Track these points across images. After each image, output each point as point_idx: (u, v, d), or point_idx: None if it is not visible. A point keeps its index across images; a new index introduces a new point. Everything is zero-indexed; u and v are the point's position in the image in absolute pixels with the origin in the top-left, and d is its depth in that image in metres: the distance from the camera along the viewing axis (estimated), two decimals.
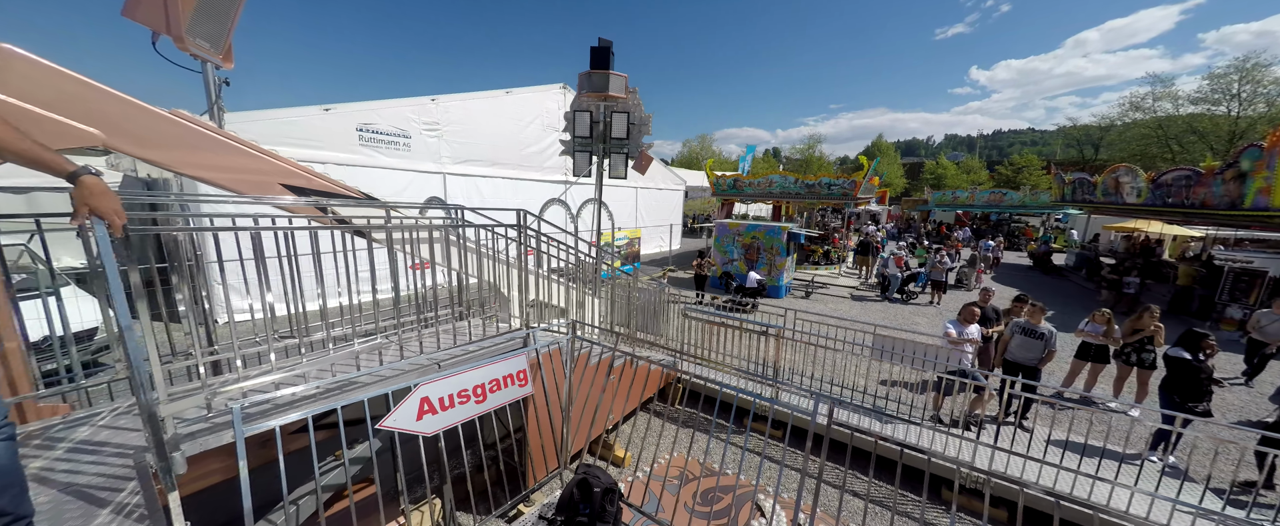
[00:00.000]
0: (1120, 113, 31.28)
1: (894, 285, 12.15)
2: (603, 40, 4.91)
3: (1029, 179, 39.20)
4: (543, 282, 4.27)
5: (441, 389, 2.47)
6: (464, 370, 2.55)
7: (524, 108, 13.24)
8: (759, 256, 12.36)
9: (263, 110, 8.45)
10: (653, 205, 19.48)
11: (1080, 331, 5.95)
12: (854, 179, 14.08)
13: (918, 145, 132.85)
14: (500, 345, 3.25)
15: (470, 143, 12.09)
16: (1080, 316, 6.38)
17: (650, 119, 5.38)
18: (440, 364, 2.80)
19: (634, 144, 5.30)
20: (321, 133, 9.13)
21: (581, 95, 5.23)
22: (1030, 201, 27.75)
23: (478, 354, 3.07)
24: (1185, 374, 4.45)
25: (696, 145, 57.75)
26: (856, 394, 5.30)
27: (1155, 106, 28.97)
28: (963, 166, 53.70)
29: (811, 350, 5.53)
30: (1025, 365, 5.08)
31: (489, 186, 12.81)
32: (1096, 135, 37.49)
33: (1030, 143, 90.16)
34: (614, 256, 13.31)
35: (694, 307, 5.72)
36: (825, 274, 14.93)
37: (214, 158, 2.38)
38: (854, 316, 10.51)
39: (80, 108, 1.94)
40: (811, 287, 12.79)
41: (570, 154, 5.42)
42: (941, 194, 33.03)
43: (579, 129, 5.24)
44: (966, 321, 5.19)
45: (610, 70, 4.99)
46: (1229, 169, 9.69)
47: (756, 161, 48.03)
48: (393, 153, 10.52)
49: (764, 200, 18.00)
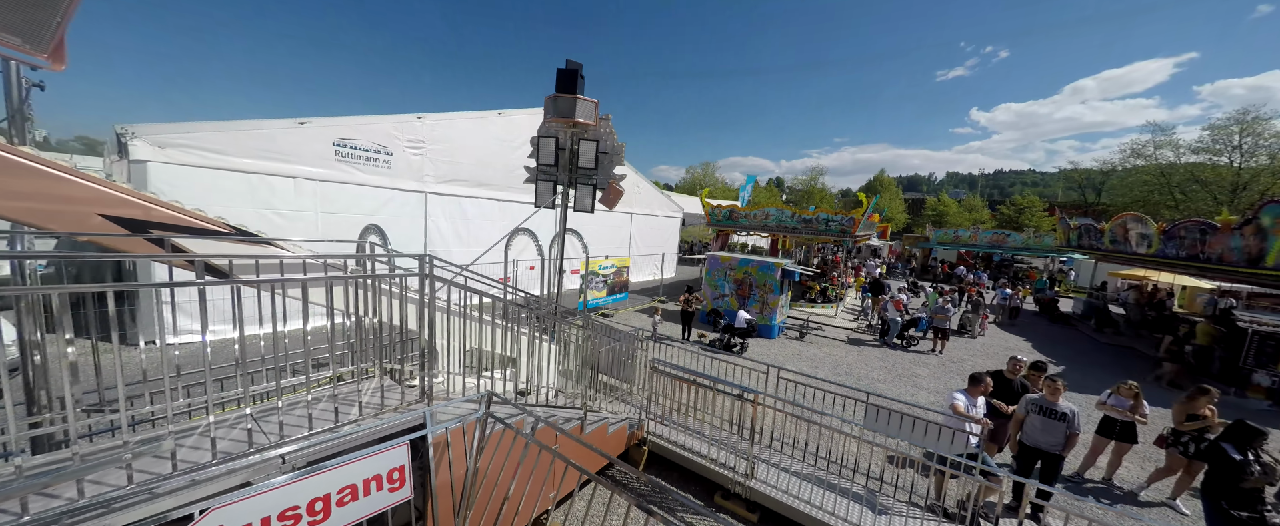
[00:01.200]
0: (1122, 159, 31.38)
1: (894, 330, 11.45)
2: (570, 62, 4.46)
3: (1031, 220, 38.94)
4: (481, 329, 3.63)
5: (247, 513, 1.67)
6: (302, 477, 1.84)
7: (515, 130, 12.95)
8: (751, 293, 11.72)
9: (232, 121, 8.05)
10: (647, 231, 19.01)
11: (1103, 404, 5.24)
12: (852, 216, 13.60)
13: (919, 181, 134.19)
14: (380, 429, 2.47)
15: (456, 162, 11.72)
16: (1098, 375, 5.66)
17: (623, 148, 4.88)
18: (287, 459, 2.08)
19: (603, 175, 4.78)
20: (293, 146, 8.73)
21: (548, 120, 4.75)
22: (1034, 244, 27.33)
23: (348, 440, 2.33)
24: (1230, 474, 3.74)
25: (700, 172, 58.02)
26: (846, 471, 4.54)
27: (1156, 154, 29.02)
28: (964, 205, 53.59)
29: (796, 419, 4.81)
30: (1045, 452, 4.35)
31: (473, 207, 12.36)
32: (1098, 179, 37.46)
33: (1031, 183, 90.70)
34: (594, 286, 12.72)
35: (664, 362, 5.04)
36: (822, 313, 14.24)
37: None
38: (850, 363, 9.78)
39: None
40: (806, 328, 12.08)
41: (533, 182, 4.89)
42: (943, 232, 32.61)
43: (543, 156, 4.73)
44: (976, 393, 4.49)
45: (578, 94, 4.52)
46: (1248, 225, 9.18)
47: (759, 191, 48.05)
48: (371, 169, 10.11)
49: (760, 233, 17.52)
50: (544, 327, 4.54)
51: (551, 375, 4.64)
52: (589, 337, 4.71)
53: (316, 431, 2.25)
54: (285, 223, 8.79)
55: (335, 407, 2.26)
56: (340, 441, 2.24)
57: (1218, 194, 25.62)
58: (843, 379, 8.85)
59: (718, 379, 4.69)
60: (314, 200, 9.16)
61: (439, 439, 2.56)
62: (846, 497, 4.22)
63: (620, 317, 12.83)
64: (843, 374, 9.13)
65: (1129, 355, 12.21)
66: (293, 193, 8.84)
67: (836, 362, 9.87)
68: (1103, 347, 12.98)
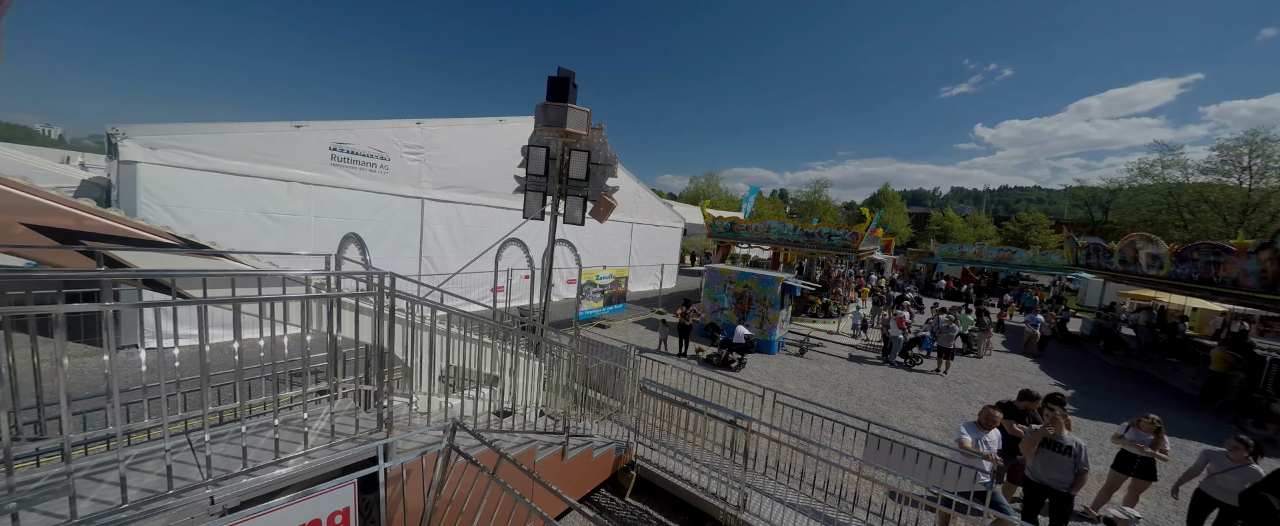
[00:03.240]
0: (1129, 177, 31.04)
1: (897, 349, 11.14)
2: (562, 70, 4.31)
3: (1037, 237, 38.52)
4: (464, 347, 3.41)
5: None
6: (230, 523, 1.63)
7: (517, 137, 12.87)
8: (751, 307, 11.47)
9: (219, 122, 7.96)
10: (647, 241, 18.82)
11: (1119, 438, 4.95)
12: (855, 231, 13.39)
13: (924, 195, 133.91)
14: (332, 463, 2.19)
15: (454, 168, 11.62)
16: (1109, 401, 5.33)
17: (616, 159, 4.71)
18: (216, 499, 1.83)
19: (594, 186, 4.60)
20: (288, 149, 8.63)
21: (538, 128, 4.59)
22: (1040, 262, 26.97)
23: (291, 477, 2.04)
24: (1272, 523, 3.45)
25: (704, 182, 58.03)
26: (846, 505, 4.26)
27: (1164, 174, 28.71)
28: (969, 220, 53.22)
29: (791, 450, 4.54)
30: (1053, 489, 4.06)
31: (470, 213, 12.23)
32: (1105, 197, 37.08)
33: (1037, 200, 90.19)
34: (590, 297, 12.49)
35: (653, 383, 4.80)
36: (823, 329, 13.94)
37: None
38: (851, 383, 9.48)
39: None
40: (807, 344, 11.79)
41: (522, 192, 4.72)
42: (948, 247, 32.26)
43: (533, 165, 4.56)
44: (985, 426, 4.22)
45: (570, 103, 4.36)
46: (1265, 249, 8.91)
47: (763, 201, 47.85)
48: (368, 174, 10.01)
49: (761, 245, 17.31)
50: (529, 343, 4.32)
51: (535, 394, 4.42)
52: (574, 354, 4.49)
53: (255, 467, 2.02)
54: (277, 226, 8.66)
55: (276, 439, 2.03)
56: (281, 478, 2.02)
57: (1227, 214, 25.29)
58: (844, 398, 8.55)
59: (710, 404, 4.45)
60: (307, 203, 9.04)
61: (395, 473, 2.33)
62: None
63: (617, 329, 12.58)
64: (844, 394, 8.83)
65: (1140, 380, 11.82)
66: (286, 196, 8.72)
67: (837, 381, 9.58)
68: (1114, 371, 12.59)
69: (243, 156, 8.06)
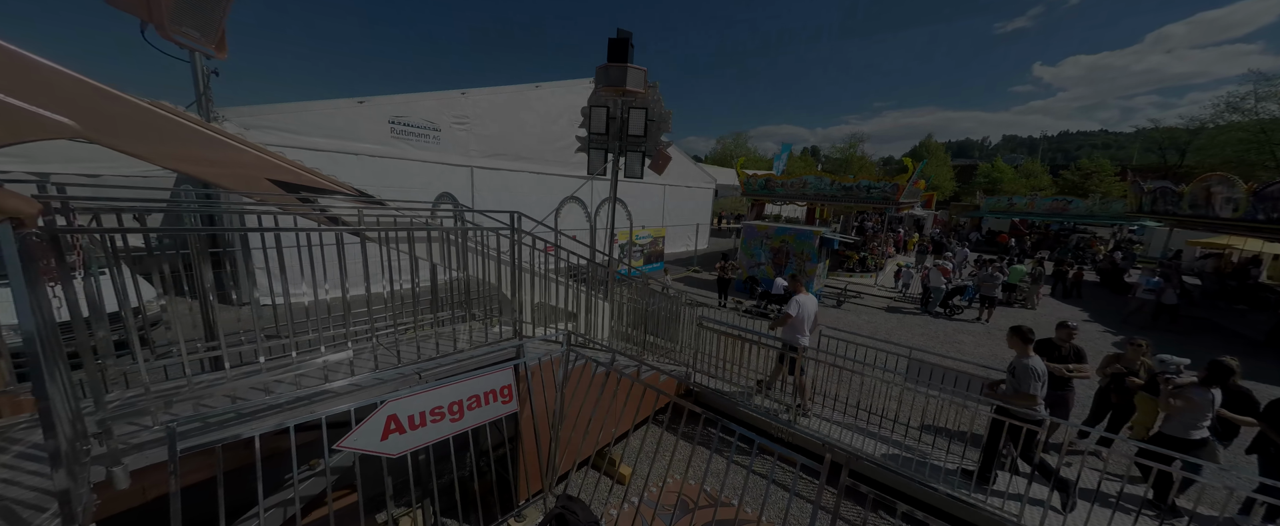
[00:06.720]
0: (1214, 114, 27.75)
1: (937, 299, 11.23)
2: (621, 31, 4.62)
3: (1099, 186, 35.35)
4: (546, 285, 4.06)
5: (412, 406, 2.28)
6: (439, 385, 2.36)
7: (553, 103, 13.17)
8: (788, 261, 11.75)
9: (297, 101, 8.71)
10: (680, 203, 19.05)
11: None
12: (896, 182, 13.14)
13: (971, 146, 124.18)
14: (489, 355, 3.06)
15: (498, 137, 12.14)
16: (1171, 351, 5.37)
17: (670, 115, 5.05)
18: (422, 374, 2.62)
19: (652, 141, 4.99)
20: (354, 125, 9.36)
21: (599, 90, 4.96)
22: (1099, 211, 25.13)
23: (463, 364, 2.88)
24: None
25: (731, 142, 56.42)
26: (888, 422, 4.78)
27: (1258, 108, 25.50)
28: (1022, 170, 49.46)
29: (837, 369, 5.05)
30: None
31: (516, 180, 12.84)
32: (1183, 139, 33.60)
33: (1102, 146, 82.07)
34: (632, 256, 13.06)
35: (710, 319, 5.36)
36: (860, 282, 14.06)
37: (196, 151, 2.29)
38: (889, 329, 9.77)
39: (50, 96, 1.85)
40: (844, 297, 12.04)
41: (585, 151, 5.18)
42: (995, 199, 30.46)
43: (595, 125, 4.98)
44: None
45: (629, 63, 4.69)
46: None
47: (794, 160, 46.23)
48: (423, 145, 10.69)
49: (797, 202, 17.21)
50: (598, 287, 4.94)
51: (605, 329, 5.08)
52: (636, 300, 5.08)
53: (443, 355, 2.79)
54: None
55: (437, 343, 2.79)
56: (456, 364, 2.75)
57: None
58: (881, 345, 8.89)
59: (762, 333, 4.97)
60: (375, 175, 9.87)
61: (530, 369, 3.04)
62: (887, 444, 4.48)
63: None
64: (881, 340, 9.18)
65: (1204, 327, 11.42)
66: (357, 168, 9.55)
67: (875, 329, 9.89)
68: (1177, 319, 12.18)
69: (319, 132, 8.85)
